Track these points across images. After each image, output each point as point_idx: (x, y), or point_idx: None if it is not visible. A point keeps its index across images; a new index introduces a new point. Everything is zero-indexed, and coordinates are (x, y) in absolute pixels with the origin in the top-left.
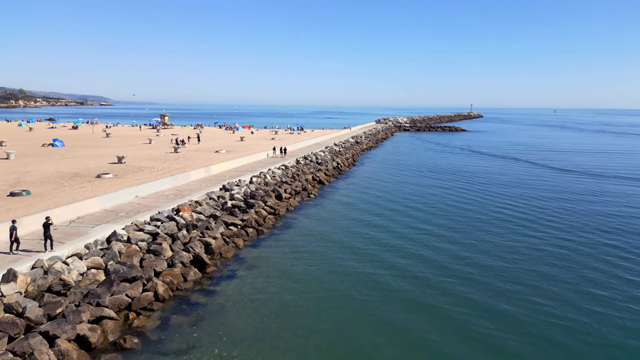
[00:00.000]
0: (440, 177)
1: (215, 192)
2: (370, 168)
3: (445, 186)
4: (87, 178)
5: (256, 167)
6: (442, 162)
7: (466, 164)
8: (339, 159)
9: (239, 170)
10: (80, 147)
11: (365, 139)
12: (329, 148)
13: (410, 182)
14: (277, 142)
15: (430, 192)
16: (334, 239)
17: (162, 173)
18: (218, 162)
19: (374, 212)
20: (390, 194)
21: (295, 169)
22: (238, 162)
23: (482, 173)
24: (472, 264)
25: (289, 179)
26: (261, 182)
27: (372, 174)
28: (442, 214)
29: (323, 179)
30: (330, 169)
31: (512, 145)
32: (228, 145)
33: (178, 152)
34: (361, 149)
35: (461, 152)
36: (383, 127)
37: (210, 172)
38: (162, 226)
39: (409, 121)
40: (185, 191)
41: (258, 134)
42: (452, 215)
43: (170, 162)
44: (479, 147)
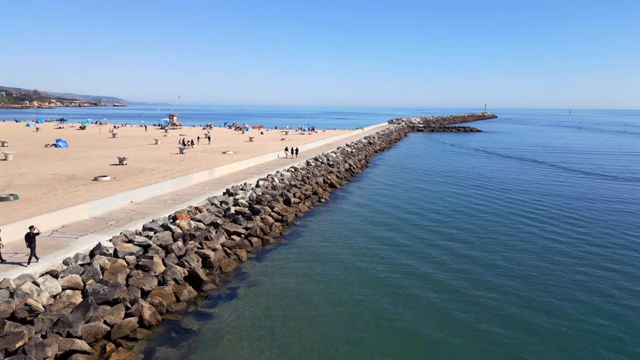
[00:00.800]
0: (457, 181)
1: (218, 197)
2: (384, 170)
3: (463, 192)
4: (83, 181)
5: (264, 169)
6: (458, 164)
7: (483, 167)
8: (351, 161)
9: (246, 173)
10: (83, 148)
11: (378, 139)
12: (341, 149)
13: (427, 187)
14: (288, 142)
15: (447, 199)
16: (347, 251)
17: (163, 176)
18: (224, 163)
19: (390, 220)
20: (406, 199)
21: (305, 171)
22: (245, 164)
23: (501, 177)
24: (495, 273)
25: (299, 182)
26: (268, 185)
27: (386, 177)
28: (461, 223)
29: (335, 182)
30: (342, 171)
31: (531, 146)
32: (236, 146)
33: (183, 154)
34: (374, 150)
35: (477, 154)
36: (396, 127)
37: (214, 175)
38: (154, 237)
39: (422, 121)
40: (186, 196)
41: (268, 135)
42: (472, 224)
43: (174, 163)
44: (496, 148)
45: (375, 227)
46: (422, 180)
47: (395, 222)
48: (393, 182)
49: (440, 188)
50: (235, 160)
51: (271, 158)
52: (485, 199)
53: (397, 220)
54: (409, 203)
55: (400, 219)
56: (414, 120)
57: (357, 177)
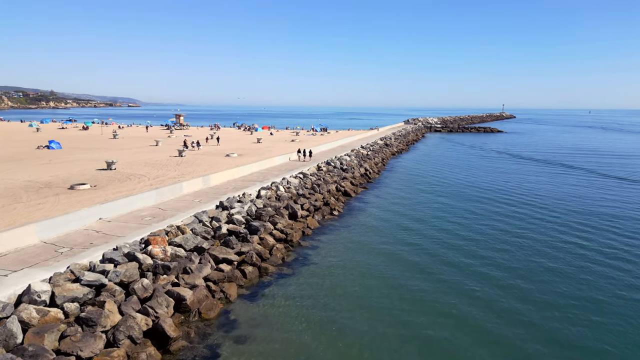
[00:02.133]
0: (484, 192)
1: (209, 212)
2: (403, 176)
3: (493, 206)
4: (57, 190)
5: (269, 175)
6: (482, 169)
7: (510, 173)
8: (367, 164)
9: (247, 180)
10: (77, 150)
11: (395, 140)
12: (355, 151)
13: (452, 197)
14: (298, 144)
15: (477, 213)
16: (368, 283)
17: (151, 183)
18: (224, 169)
19: (415, 239)
20: (431, 212)
21: (316, 177)
22: (247, 170)
23: (533, 187)
24: (531, 300)
25: (308, 191)
26: (272, 195)
27: (406, 184)
28: (496, 243)
29: (349, 189)
30: (358, 177)
31: (558, 148)
32: (242, 147)
33: (183, 156)
34: (391, 152)
35: (500, 157)
36: (413, 128)
37: (209, 183)
38: (113, 272)
39: (439, 122)
40: (170, 210)
41: (278, 135)
42: (504, 245)
43: (169, 168)
44: (520, 150)
45: (399, 249)
46: (446, 190)
47: (422, 242)
48: (414, 191)
49: (467, 199)
50: (238, 165)
51: (278, 162)
52: (516, 213)
53: (424, 240)
54: (435, 217)
55: (428, 237)
56: (431, 120)
57: (373, 184)
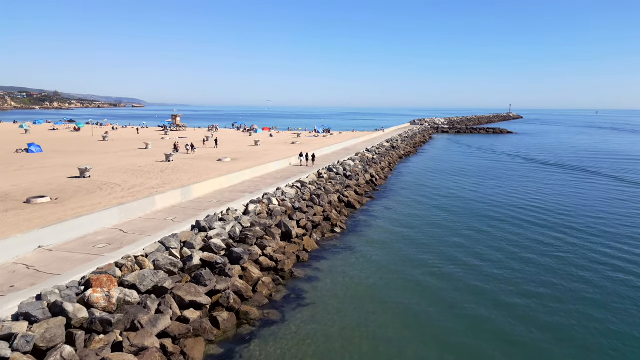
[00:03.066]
0: (502, 199)
1: (181, 235)
2: (412, 181)
3: (510, 213)
4: (10, 204)
5: (262, 184)
6: (495, 175)
7: (527, 179)
8: (372, 170)
9: (236, 191)
10: (58, 154)
11: (402, 143)
12: (360, 155)
13: (465, 207)
14: (299, 147)
15: (494, 225)
16: (379, 339)
17: (124, 195)
18: (212, 176)
19: (431, 261)
20: (444, 225)
21: (316, 186)
22: (237, 178)
23: (554, 195)
24: None
25: (306, 204)
26: (262, 210)
27: (415, 192)
28: (525, 265)
29: (353, 200)
30: (363, 184)
31: (574, 150)
32: (238, 151)
33: (170, 161)
34: (398, 156)
35: (513, 161)
36: (419, 129)
37: (189, 195)
38: (23, 337)
39: (446, 122)
40: (133, 233)
41: (278, 137)
42: (536, 268)
43: (151, 175)
44: (533, 153)
45: (417, 277)
46: (461, 200)
47: (441, 265)
48: (425, 200)
49: (485, 209)
50: (229, 172)
51: (274, 168)
52: (546, 231)
53: (443, 263)
54: (452, 232)
55: (447, 259)
56: (438, 121)
57: (380, 192)
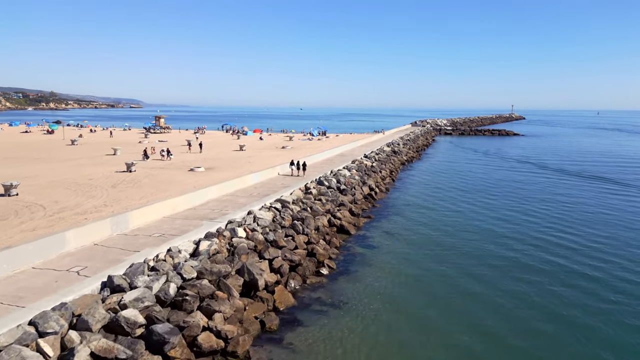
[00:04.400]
0: (521, 216)
1: (74, 305)
2: (416, 194)
3: (537, 245)
4: None
5: (230, 205)
6: (509, 186)
7: (545, 190)
8: (371, 181)
9: (191, 217)
10: (10, 161)
11: (404, 146)
12: (358, 162)
13: (481, 232)
14: (289, 152)
15: (518, 256)
16: None
17: (42, 224)
18: (169, 195)
19: (451, 323)
20: (458, 263)
21: (301, 206)
22: (199, 197)
23: (580, 209)
24: None
25: (284, 232)
26: (221, 248)
27: (421, 208)
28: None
29: (347, 223)
30: (360, 200)
31: (590, 155)
32: (218, 157)
33: (132, 171)
34: (400, 162)
35: (524, 168)
36: (421, 130)
37: (124, 227)
38: None
39: (449, 123)
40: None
41: (268, 141)
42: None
43: (96, 192)
44: (545, 158)
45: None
46: (473, 218)
47: (467, 332)
48: (432, 220)
49: (503, 231)
50: (197, 186)
51: (251, 181)
52: (580, 265)
53: (469, 329)
54: (469, 274)
55: (474, 323)
56: (440, 122)
57: (380, 209)
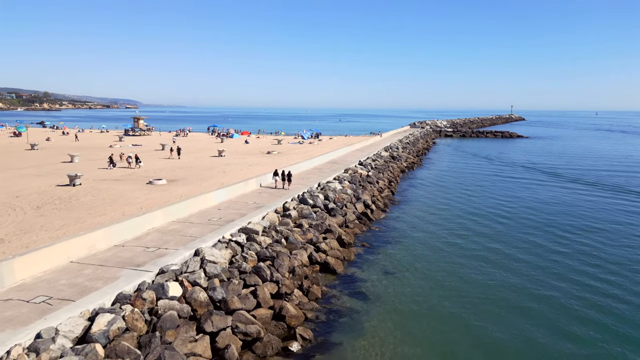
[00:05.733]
0: (549, 246)
1: None
2: (419, 212)
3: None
4: None
5: (174, 240)
6: (528, 204)
7: (565, 207)
8: (367, 195)
9: (109, 263)
10: None
11: (403, 150)
12: (351, 171)
13: (503, 259)
14: (274, 158)
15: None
16: None
17: None
18: (93, 225)
19: None
20: (485, 321)
21: (274, 237)
22: (134, 228)
23: (610, 230)
24: None
25: (243, 282)
26: (135, 322)
27: (426, 229)
28: None
29: (333, 260)
30: (352, 221)
31: (605, 161)
32: (190, 165)
33: (75, 185)
34: (400, 169)
35: (533, 176)
36: (421, 132)
37: (13, 278)
38: None
39: (449, 125)
40: None
41: (255, 144)
42: None
43: (8, 217)
44: (554, 164)
45: None
46: (490, 249)
47: None
48: (444, 247)
49: (525, 270)
50: (144, 208)
51: (213, 201)
52: None
53: None
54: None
55: None
56: (440, 123)
57: (377, 233)
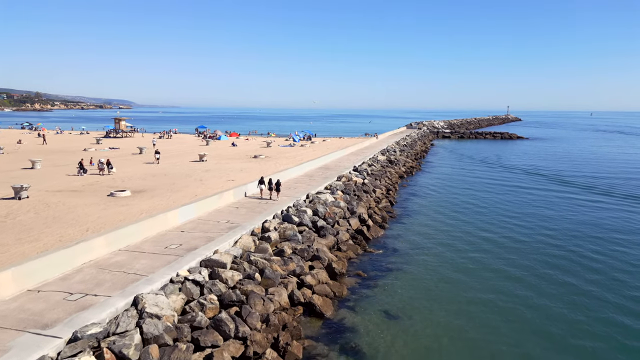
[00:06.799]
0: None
1: None
2: (424, 226)
3: None
4: None
5: (111, 281)
6: (543, 220)
7: (586, 227)
8: (362, 208)
9: (10, 320)
10: None
11: (401, 153)
12: (345, 179)
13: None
14: (260, 164)
15: None
16: None
17: None
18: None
19: None
20: None
21: (245, 270)
22: (62, 263)
23: None
24: None
25: (197, 340)
26: None
27: (432, 250)
28: None
29: (320, 302)
30: (345, 241)
31: (617, 164)
32: (165, 171)
33: (21, 199)
34: (398, 175)
35: (541, 184)
36: (418, 134)
37: None
38: None
39: (446, 125)
40: None
41: (243, 147)
42: None
43: None
44: (561, 169)
45: None
46: (511, 273)
47: None
48: (453, 275)
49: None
50: (91, 231)
51: (177, 221)
52: None
53: None
54: None
55: None
56: (437, 124)
57: (375, 256)
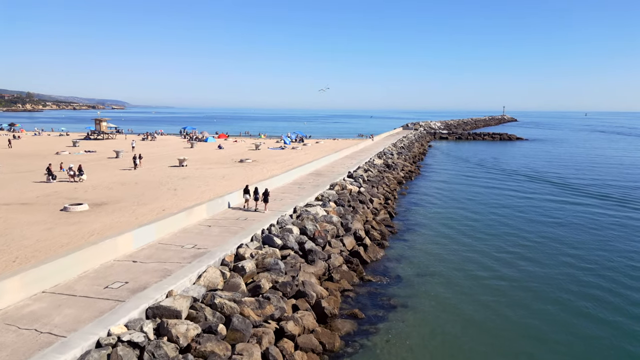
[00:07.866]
0: None
1: None
2: (429, 245)
3: None
4: None
5: (21, 342)
6: (562, 233)
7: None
8: (359, 223)
9: None
10: None
11: (399, 157)
12: (339, 188)
13: None
14: (246, 169)
15: None
16: None
17: None
18: None
19: None
20: None
21: (208, 319)
22: None
23: None
24: None
25: None
26: None
27: (444, 277)
28: None
29: (305, 359)
30: (339, 268)
31: (626, 169)
32: (138, 178)
33: None
34: (397, 180)
35: (547, 191)
36: (415, 135)
37: None
38: None
39: (443, 126)
40: None
41: (230, 150)
42: None
43: None
44: (568, 174)
45: None
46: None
47: None
48: (473, 314)
49: None
50: (18, 262)
51: (130, 247)
52: None
53: None
54: None
55: None
56: (434, 125)
57: (374, 285)
